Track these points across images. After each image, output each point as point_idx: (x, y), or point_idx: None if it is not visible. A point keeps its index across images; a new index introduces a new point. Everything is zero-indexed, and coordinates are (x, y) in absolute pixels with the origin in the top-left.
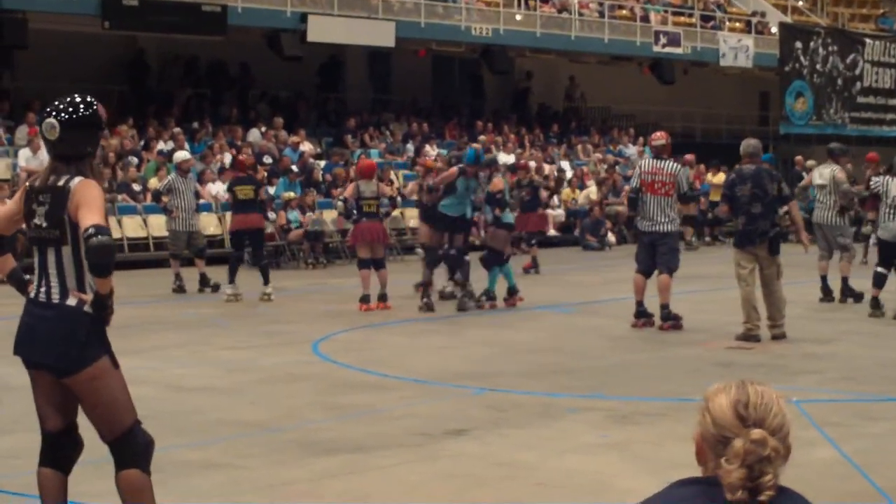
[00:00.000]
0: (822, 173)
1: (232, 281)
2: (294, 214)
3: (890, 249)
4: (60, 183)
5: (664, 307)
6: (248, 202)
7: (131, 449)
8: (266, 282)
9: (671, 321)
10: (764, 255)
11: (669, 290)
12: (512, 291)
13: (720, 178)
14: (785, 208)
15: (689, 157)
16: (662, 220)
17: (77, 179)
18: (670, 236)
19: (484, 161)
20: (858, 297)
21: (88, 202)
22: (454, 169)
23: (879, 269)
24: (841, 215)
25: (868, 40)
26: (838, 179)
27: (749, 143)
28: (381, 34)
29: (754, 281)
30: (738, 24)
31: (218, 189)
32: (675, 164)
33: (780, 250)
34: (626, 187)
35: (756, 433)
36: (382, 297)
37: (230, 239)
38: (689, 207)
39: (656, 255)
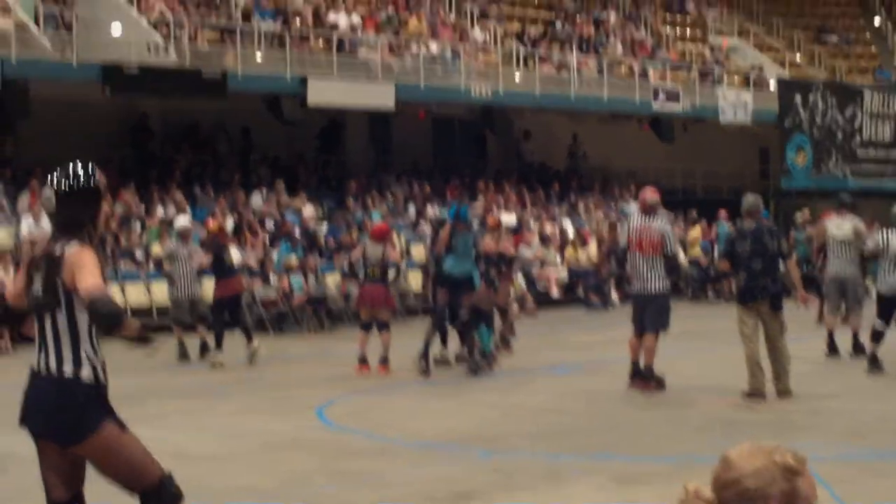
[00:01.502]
0: (842, 226)
1: (219, 346)
2: (296, 279)
3: (890, 304)
4: (56, 251)
5: (647, 368)
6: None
7: (159, 501)
8: (249, 339)
9: (654, 381)
10: (766, 312)
11: (654, 352)
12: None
13: (697, 231)
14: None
15: (723, 215)
16: (653, 280)
17: (70, 246)
18: (660, 296)
19: (463, 216)
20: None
21: (81, 266)
22: (447, 228)
23: (878, 325)
24: (861, 268)
25: (866, 92)
26: (860, 231)
27: (749, 200)
28: (380, 97)
29: (758, 337)
30: (736, 80)
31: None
32: (663, 223)
33: (782, 306)
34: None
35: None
36: (383, 361)
37: (211, 307)
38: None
39: (644, 315)
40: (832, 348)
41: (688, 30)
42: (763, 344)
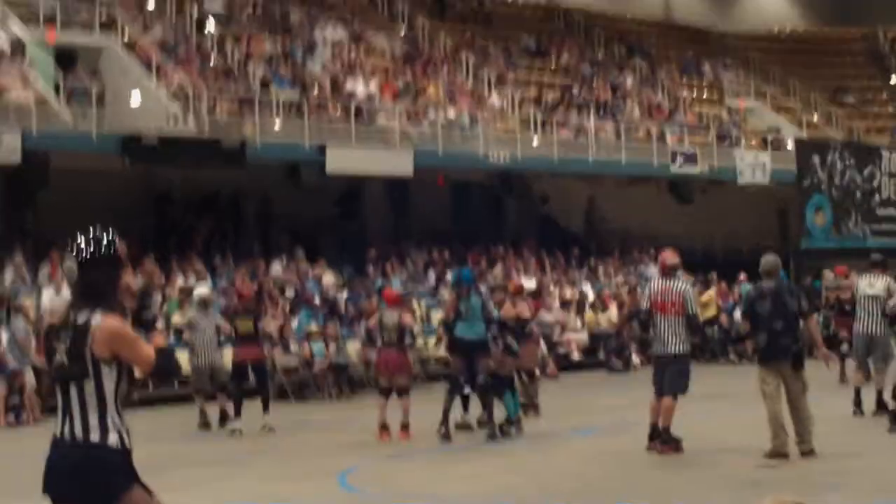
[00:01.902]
0: (874, 284)
1: (237, 415)
2: (318, 346)
3: None
4: (81, 320)
5: (665, 430)
6: (247, 336)
7: None
8: (266, 409)
9: (672, 444)
10: (788, 372)
11: (672, 414)
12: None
13: (712, 293)
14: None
15: (742, 277)
16: (673, 342)
17: (97, 316)
18: (680, 358)
19: (466, 280)
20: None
21: (125, 342)
22: (453, 293)
23: None
24: (891, 326)
25: (884, 152)
26: (893, 289)
27: (768, 260)
28: (399, 163)
29: (780, 397)
30: (754, 141)
31: None
32: (684, 284)
33: (804, 365)
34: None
35: None
36: (404, 427)
37: (231, 372)
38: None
39: (664, 377)
40: (858, 405)
41: (705, 92)
42: (785, 404)
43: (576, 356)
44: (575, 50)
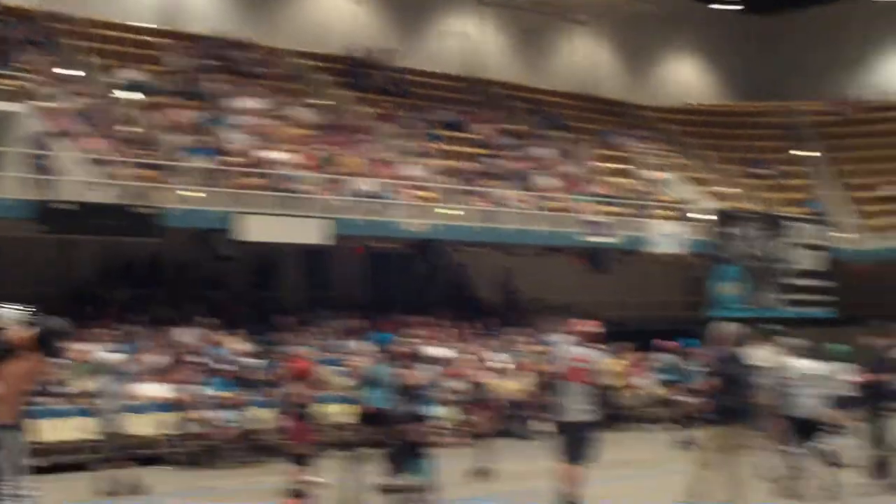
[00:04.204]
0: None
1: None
2: (229, 413)
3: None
4: None
5: (574, 497)
6: None
7: None
8: None
9: None
10: (731, 435)
11: (580, 481)
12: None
13: (625, 362)
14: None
15: (673, 344)
16: (581, 410)
17: None
18: (588, 426)
19: (380, 345)
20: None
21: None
22: (365, 360)
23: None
24: None
25: (797, 224)
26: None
27: (717, 327)
28: (317, 232)
29: (722, 460)
30: (669, 213)
31: (154, 390)
32: (596, 353)
33: (751, 428)
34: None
35: None
36: (303, 494)
37: None
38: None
39: (573, 445)
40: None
41: (621, 163)
42: (720, 466)
43: (488, 424)
44: (493, 121)
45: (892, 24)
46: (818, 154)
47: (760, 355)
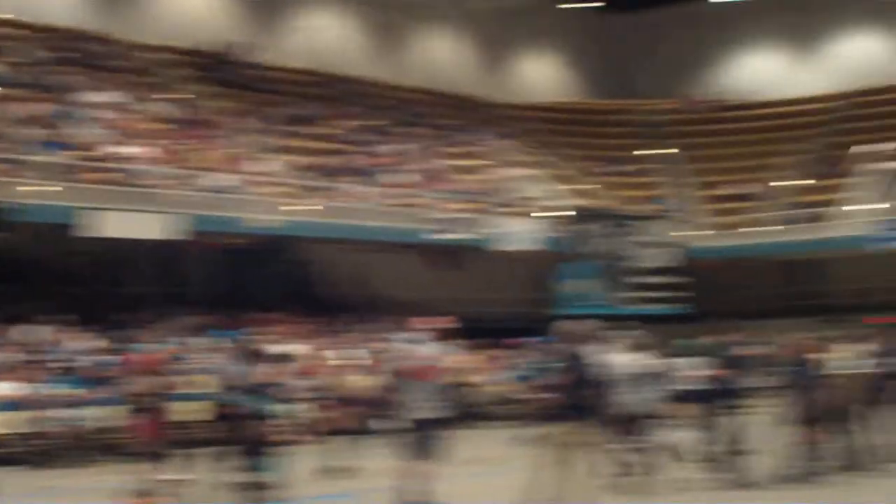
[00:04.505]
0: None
1: None
2: (78, 411)
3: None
4: None
5: (419, 493)
6: None
7: None
8: None
9: None
10: (577, 432)
11: (425, 477)
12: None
13: (478, 358)
14: None
15: (524, 341)
16: (425, 406)
17: None
18: (429, 423)
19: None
20: None
21: None
22: (221, 358)
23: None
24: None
25: (650, 221)
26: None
27: (567, 325)
28: (169, 228)
29: (568, 457)
30: (519, 209)
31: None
32: (441, 349)
33: (595, 425)
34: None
35: None
36: (153, 493)
37: None
38: None
39: (417, 442)
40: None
41: (475, 160)
42: (566, 463)
43: (336, 421)
44: (349, 117)
45: (744, 24)
46: (672, 152)
47: (610, 353)
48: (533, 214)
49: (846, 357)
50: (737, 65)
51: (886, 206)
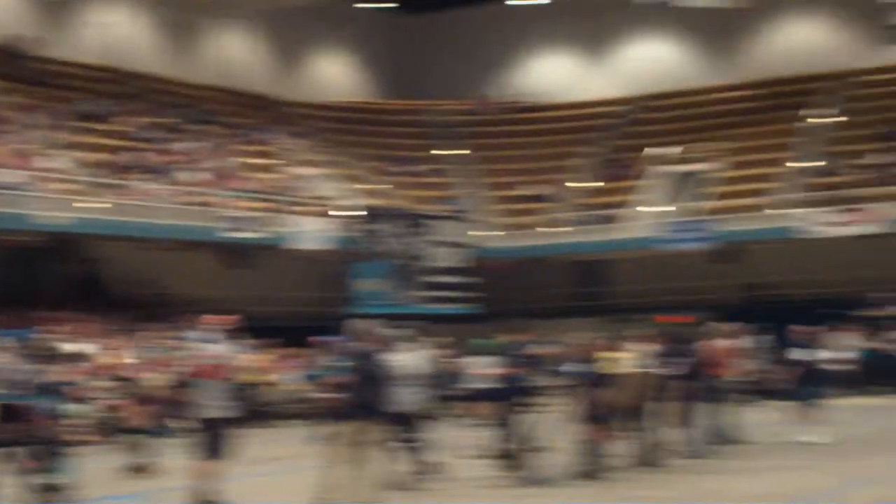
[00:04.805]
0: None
1: None
2: None
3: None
4: None
5: (207, 493)
6: None
7: None
8: None
9: None
10: (368, 430)
11: (213, 477)
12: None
13: (267, 358)
14: None
15: (315, 340)
16: (214, 406)
17: None
18: (219, 422)
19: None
20: None
21: None
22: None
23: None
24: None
25: (440, 221)
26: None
27: (355, 324)
28: None
29: (354, 456)
30: (310, 208)
31: None
32: (230, 349)
33: (386, 423)
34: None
35: None
36: None
37: None
38: None
39: (206, 441)
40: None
41: (267, 159)
42: (353, 462)
43: (126, 420)
44: (140, 114)
45: (538, 27)
46: (463, 153)
47: (396, 352)
48: (326, 214)
49: (633, 357)
50: (530, 67)
51: (674, 208)
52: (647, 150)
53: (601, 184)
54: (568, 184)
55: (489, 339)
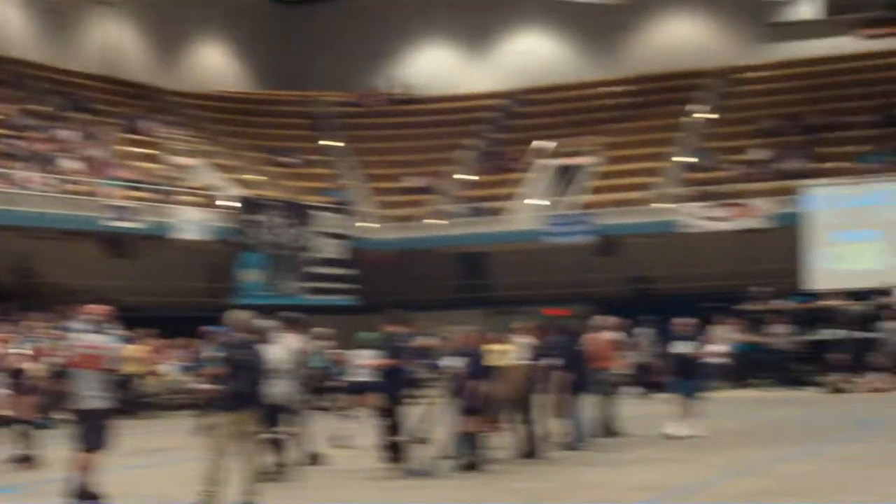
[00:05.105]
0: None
1: None
2: None
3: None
4: None
5: (87, 485)
6: None
7: None
8: None
9: (91, 500)
10: (247, 421)
11: (92, 469)
12: None
13: (141, 351)
14: None
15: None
16: (93, 396)
17: None
18: (98, 413)
19: None
20: None
21: None
22: None
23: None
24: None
25: (320, 212)
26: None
27: (237, 315)
28: None
29: (233, 446)
30: (193, 198)
31: None
32: (108, 339)
33: (269, 415)
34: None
35: None
36: None
37: None
38: None
39: (85, 432)
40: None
41: (145, 148)
42: (232, 453)
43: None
44: (15, 101)
45: (419, 20)
46: (342, 144)
47: (271, 343)
48: (208, 204)
49: (516, 349)
50: (412, 60)
51: (556, 201)
52: (532, 144)
53: (484, 176)
54: (451, 176)
55: (373, 331)
